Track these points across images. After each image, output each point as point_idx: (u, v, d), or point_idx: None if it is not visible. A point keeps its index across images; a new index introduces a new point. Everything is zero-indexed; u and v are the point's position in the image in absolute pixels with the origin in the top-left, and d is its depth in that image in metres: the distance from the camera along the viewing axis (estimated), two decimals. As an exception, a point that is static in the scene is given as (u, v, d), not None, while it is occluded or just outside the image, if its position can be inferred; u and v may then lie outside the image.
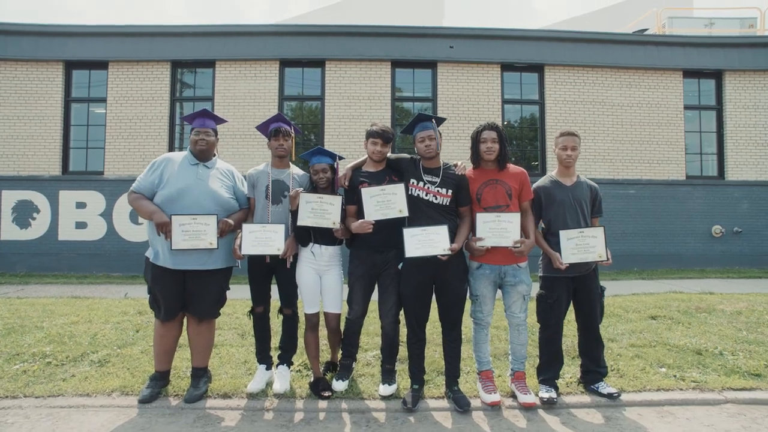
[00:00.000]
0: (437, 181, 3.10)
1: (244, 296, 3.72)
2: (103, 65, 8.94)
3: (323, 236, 3.21)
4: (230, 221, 3.12)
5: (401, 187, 3.06)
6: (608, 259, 3.12)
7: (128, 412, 2.97)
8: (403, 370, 3.52)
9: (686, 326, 4.68)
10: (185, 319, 3.26)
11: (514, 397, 3.18)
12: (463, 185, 3.13)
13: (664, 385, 3.33)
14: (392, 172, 3.27)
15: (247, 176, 3.40)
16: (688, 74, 9.43)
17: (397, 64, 9.15)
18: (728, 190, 9.25)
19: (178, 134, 9.03)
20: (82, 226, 8.63)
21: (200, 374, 3.23)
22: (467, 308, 3.22)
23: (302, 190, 3.17)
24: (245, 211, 3.34)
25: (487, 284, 3.15)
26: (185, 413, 2.97)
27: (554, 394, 3.15)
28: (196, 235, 2.97)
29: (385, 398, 3.16)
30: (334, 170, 3.27)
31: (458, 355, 3.23)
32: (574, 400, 3.17)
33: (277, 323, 3.51)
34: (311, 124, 9.22)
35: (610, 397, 3.15)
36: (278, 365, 3.39)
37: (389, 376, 3.29)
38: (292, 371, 3.48)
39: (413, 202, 3.07)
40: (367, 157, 3.34)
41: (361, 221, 3.08)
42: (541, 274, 3.32)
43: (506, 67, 9.25)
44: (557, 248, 3.13)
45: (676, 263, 9.04)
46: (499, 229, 3.02)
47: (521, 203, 3.19)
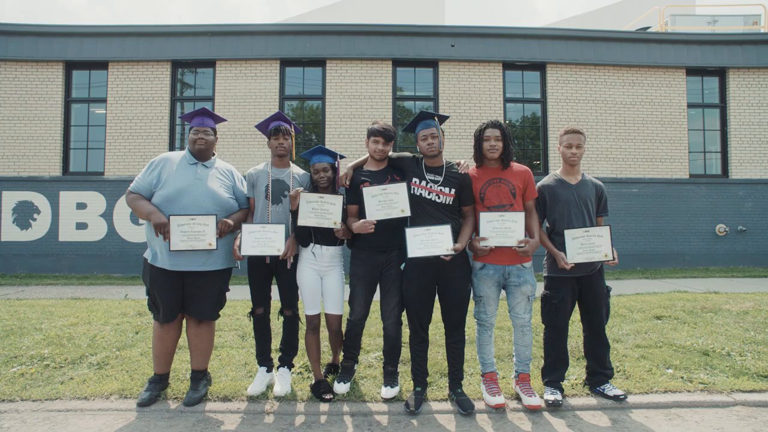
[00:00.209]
0: (440, 180, 3.05)
1: (244, 297, 3.68)
2: (103, 65, 8.92)
3: (324, 236, 3.16)
4: (229, 221, 3.08)
5: (403, 186, 3.01)
6: (614, 258, 3.06)
7: (127, 415, 2.93)
8: (405, 372, 3.47)
9: (692, 326, 4.62)
10: (184, 320, 3.23)
11: (518, 399, 3.13)
12: (466, 184, 3.08)
13: (671, 386, 3.27)
14: (394, 171, 3.22)
15: (246, 176, 3.36)
16: (691, 72, 9.37)
17: (398, 63, 9.11)
18: (732, 188, 9.18)
19: (178, 134, 9.00)
20: (82, 226, 8.61)
21: (200, 377, 3.19)
22: (470, 309, 3.17)
23: (303, 189, 3.12)
24: (245, 211, 3.30)
25: (490, 285, 3.10)
26: (185, 416, 2.93)
27: (559, 396, 3.10)
28: (194, 235, 2.92)
29: (387, 401, 3.11)
30: (335, 169, 3.22)
31: (461, 356, 3.18)
32: (579, 402, 3.11)
33: (277, 325, 3.47)
34: (312, 123, 9.19)
35: (616, 399, 3.09)
36: (279, 367, 3.34)
37: (391, 378, 3.24)
38: (293, 373, 3.44)
39: (415, 201, 3.02)
40: (368, 156, 3.29)
41: (362, 221, 3.03)
42: (545, 274, 3.27)
43: (508, 65, 9.20)
44: (562, 248, 3.08)
45: (679, 262, 8.99)
46: (502, 228, 2.97)
47: (525, 202, 3.14)
